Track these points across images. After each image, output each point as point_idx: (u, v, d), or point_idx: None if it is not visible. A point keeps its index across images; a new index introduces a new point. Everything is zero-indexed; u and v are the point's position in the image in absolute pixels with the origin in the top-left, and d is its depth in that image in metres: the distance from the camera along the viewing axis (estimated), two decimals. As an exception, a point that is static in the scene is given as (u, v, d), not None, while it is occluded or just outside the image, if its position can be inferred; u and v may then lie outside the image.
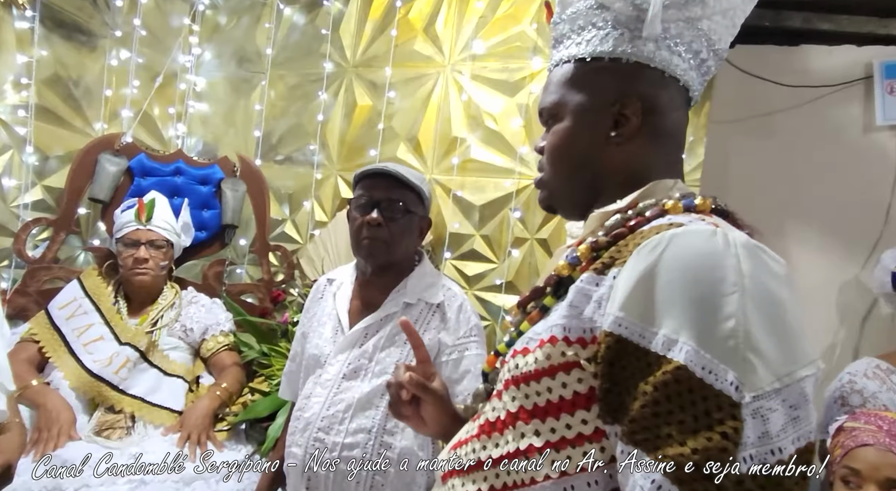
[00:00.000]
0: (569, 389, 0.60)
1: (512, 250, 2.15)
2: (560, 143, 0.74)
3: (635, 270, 0.57)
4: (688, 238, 0.57)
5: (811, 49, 2.00)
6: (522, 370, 0.64)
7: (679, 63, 0.71)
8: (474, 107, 2.23)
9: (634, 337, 0.55)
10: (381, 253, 1.34)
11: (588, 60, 0.72)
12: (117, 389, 1.71)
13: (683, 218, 0.63)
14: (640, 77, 0.70)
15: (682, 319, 0.53)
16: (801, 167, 1.96)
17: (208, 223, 2.31)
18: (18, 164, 2.13)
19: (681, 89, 0.73)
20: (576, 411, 0.60)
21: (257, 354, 2.03)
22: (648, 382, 0.53)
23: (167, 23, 2.58)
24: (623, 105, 0.70)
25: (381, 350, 1.33)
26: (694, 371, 0.52)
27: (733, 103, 2.01)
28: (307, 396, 1.35)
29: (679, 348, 0.53)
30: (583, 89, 0.73)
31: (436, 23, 2.32)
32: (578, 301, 0.62)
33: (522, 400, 0.64)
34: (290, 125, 2.55)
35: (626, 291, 0.57)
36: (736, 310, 0.52)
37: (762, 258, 0.57)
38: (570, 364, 0.60)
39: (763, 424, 0.51)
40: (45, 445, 1.50)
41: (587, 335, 0.60)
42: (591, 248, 0.67)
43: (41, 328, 1.82)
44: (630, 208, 0.69)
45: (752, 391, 0.51)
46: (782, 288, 0.56)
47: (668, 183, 0.71)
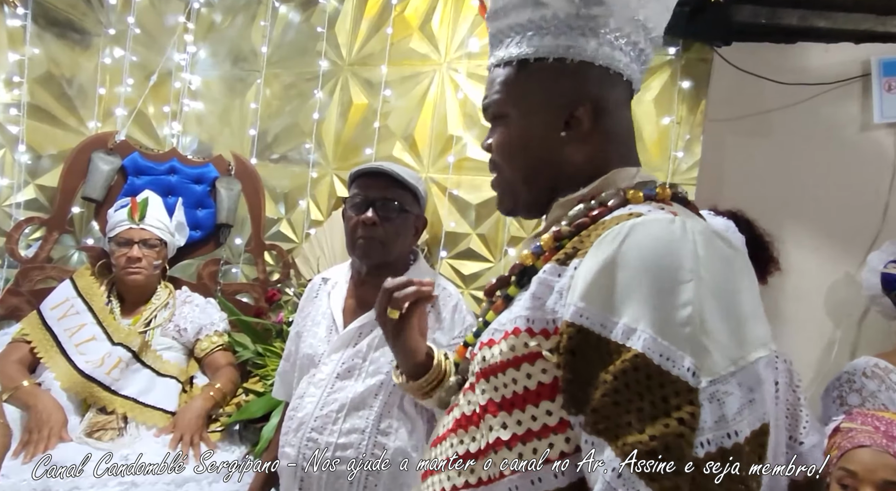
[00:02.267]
0: (533, 380, 0.61)
1: (508, 249, 2.13)
2: (511, 143, 0.74)
3: (596, 260, 0.58)
4: (647, 227, 0.58)
5: (808, 47, 1.99)
6: (489, 362, 0.64)
7: (621, 58, 0.71)
8: (470, 105, 2.22)
9: (595, 327, 0.56)
10: (376, 252, 1.33)
11: (531, 61, 0.72)
12: (109, 389, 1.69)
13: (643, 207, 0.64)
14: (587, 77, 0.70)
15: (641, 307, 0.54)
16: (799, 165, 1.96)
17: (203, 222, 2.30)
18: (11, 163, 2.11)
19: (625, 84, 0.73)
20: (541, 402, 0.61)
21: (252, 354, 2.02)
22: (608, 371, 0.54)
23: (162, 21, 2.57)
24: (572, 108, 0.70)
25: (375, 350, 1.32)
26: (652, 358, 0.52)
27: (730, 101, 2.00)
28: (301, 395, 1.33)
29: (637, 337, 0.53)
30: (529, 91, 0.72)
31: (431, 21, 2.30)
32: (541, 292, 0.62)
33: (491, 392, 0.64)
34: (285, 124, 2.54)
35: (586, 282, 0.57)
36: (692, 297, 0.53)
37: (718, 245, 0.58)
38: (534, 355, 0.61)
39: (720, 407, 0.52)
40: (36, 446, 1.49)
41: (550, 326, 0.61)
42: (555, 237, 0.67)
43: (33, 328, 1.81)
44: (593, 197, 0.69)
45: (709, 376, 0.52)
46: (738, 273, 0.58)
47: (630, 171, 0.72)
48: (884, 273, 1.64)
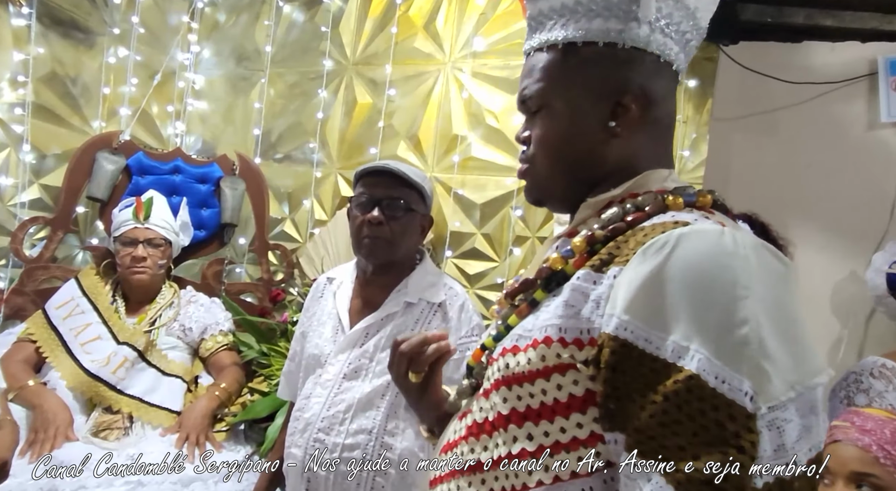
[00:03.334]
0: (564, 392, 0.58)
1: (513, 249, 2.13)
2: (554, 136, 0.70)
3: (641, 270, 0.54)
4: (696, 239, 0.54)
5: (814, 45, 1.98)
6: (514, 371, 0.61)
7: (672, 46, 0.68)
8: (475, 104, 2.22)
9: (640, 342, 0.53)
10: (382, 252, 1.33)
11: (580, 45, 0.67)
12: (115, 389, 1.69)
13: (688, 216, 0.61)
14: (639, 63, 0.67)
15: (694, 324, 0.51)
16: (805, 164, 1.95)
17: (207, 222, 2.30)
18: (15, 163, 2.11)
19: (673, 74, 0.70)
20: (571, 414, 0.58)
21: (256, 353, 2.02)
22: (658, 391, 0.51)
23: (166, 20, 2.57)
24: (621, 95, 0.66)
25: (381, 350, 1.31)
26: (707, 380, 0.49)
27: (736, 100, 2.00)
28: (307, 396, 1.33)
29: (691, 356, 0.50)
30: (576, 77, 0.68)
31: (436, 20, 2.30)
32: (575, 300, 0.59)
33: (515, 402, 0.61)
34: (289, 123, 2.54)
35: (630, 293, 0.54)
36: (749, 315, 0.50)
37: (769, 260, 0.55)
38: (566, 366, 0.58)
39: (779, 436, 0.49)
40: (42, 446, 1.49)
41: (584, 336, 0.58)
42: (587, 241, 0.63)
43: (38, 328, 1.81)
44: (626, 200, 0.66)
45: (768, 402, 0.49)
46: (790, 291, 0.54)
47: (662, 173, 0.69)
48: (889, 273, 1.63)
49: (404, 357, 0.82)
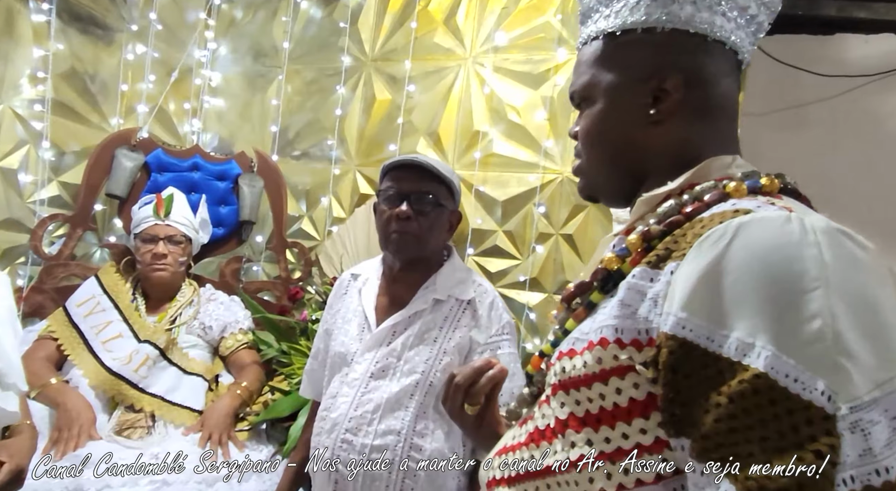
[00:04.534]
0: (624, 396, 0.55)
1: (536, 246, 2.09)
2: (594, 127, 0.69)
3: (698, 264, 0.51)
4: (758, 226, 0.50)
5: (847, 38, 1.94)
6: (570, 375, 0.58)
7: (723, 24, 0.64)
8: (497, 100, 2.18)
9: (701, 340, 0.49)
10: (410, 247, 1.30)
11: (618, 34, 0.66)
12: (137, 387, 1.68)
13: (750, 203, 0.57)
14: (679, 46, 0.64)
15: (758, 319, 0.47)
16: (838, 159, 1.90)
17: (225, 219, 2.28)
18: (35, 160, 2.10)
19: (728, 53, 0.65)
20: (633, 419, 0.54)
21: (276, 352, 1.99)
22: (722, 393, 0.47)
23: (183, 17, 2.55)
24: (661, 79, 0.63)
25: (409, 348, 1.29)
26: (776, 379, 0.45)
27: (766, 94, 1.95)
28: (333, 395, 1.30)
29: (756, 354, 0.46)
30: (615, 66, 0.67)
31: (457, 14, 2.27)
32: (631, 299, 0.56)
33: (573, 406, 0.58)
34: (307, 120, 2.51)
35: (687, 289, 0.50)
36: (821, 308, 0.45)
37: (847, 246, 0.50)
38: (625, 368, 0.54)
39: (864, 439, 0.44)
40: (66, 444, 1.47)
41: (642, 337, 0.54)
42: (643, 238, 0.60)
43: (59, 325, 1.79)
44: (684, 191, 0.62)
45: (848, 401, 0.44)
46: (873, 279, 0.49)
47: (725, 160, 0.64)
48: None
49: (459, 390, 0.80)
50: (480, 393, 0.79)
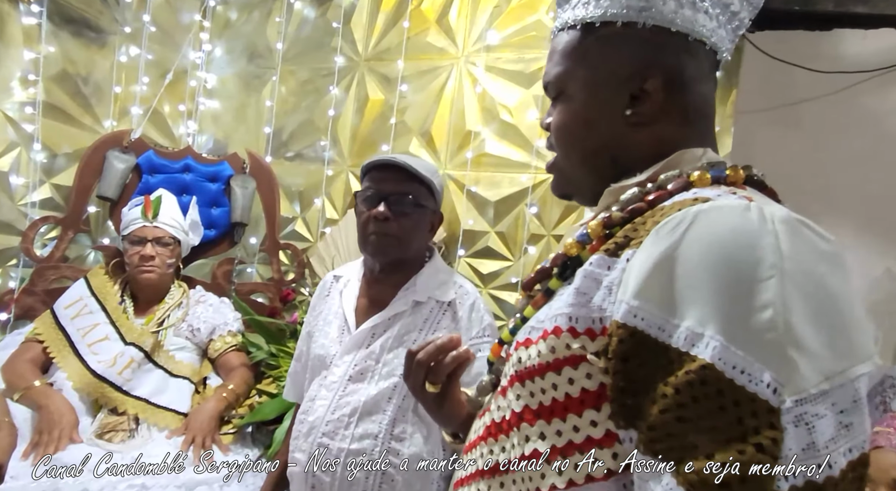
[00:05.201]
0: (576, 386, 0.53)
1: (528, 247, 2.07)
2: (569, 124, 0.66)
3: (653, 251, 0.49)
4: (716, 214, 0.49)
5: (845, 33, 1.89)
6: (526, 364, 0.57)
7: (706, 22, 0.61)
8: (489, 99, 2.16)
9: (652, 330, 0.48)
10: (389, 249, 1.28)
11: (597, 25, 0.63)
12: (121, 390, 1.66)
13: (711, 191, 0.55)
14: (661, 44, 0.61)
15: (709, 308, 0.45)
16: (835, 157, 1.85)
17: (217, 221, 2.27)
18: (26, 162, 2.10)
19: (708, 53, 0.63)
20: (584, 411, 0.53)
21: (266, 354, 1.98)
22: (669, 384, 0.46)
23: (177, 19, 2.55)
24: (642, 80, 0.61)
25: (388, 351, 1.26)
26: (723, 371, 0.44)
27: (761, 92, 1.91)
28: (312, 398, 1.28)
29: (705, 344, 0.45)
30: (593, 61, 0.64)
31: (449, 14, 2.25)
32: (587, 287, 0.54)
33: (527, 398, 0.57)
34: (300, 121, 2.50)
35: (641, 277, 0.49)
36: (774, 297, 0.44)
37: (807, 235, 0.48)
38: (577, 358, 0.53)
39: (808, 433, 0.43)
40: (46, 447, 1.46)
41: (596, 326, 0.53)
42: (604, 224, 0.59)
43: (46, 328, 1.79)
44: (651, 181, 0.60)
45: (794, 394, 0.43)
46: (832, 270, 0.47)
47: (696, 152, 0.62)
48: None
49: (421, 368, 0.77)
50: (443, 372, 0.77)
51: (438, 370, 0.76)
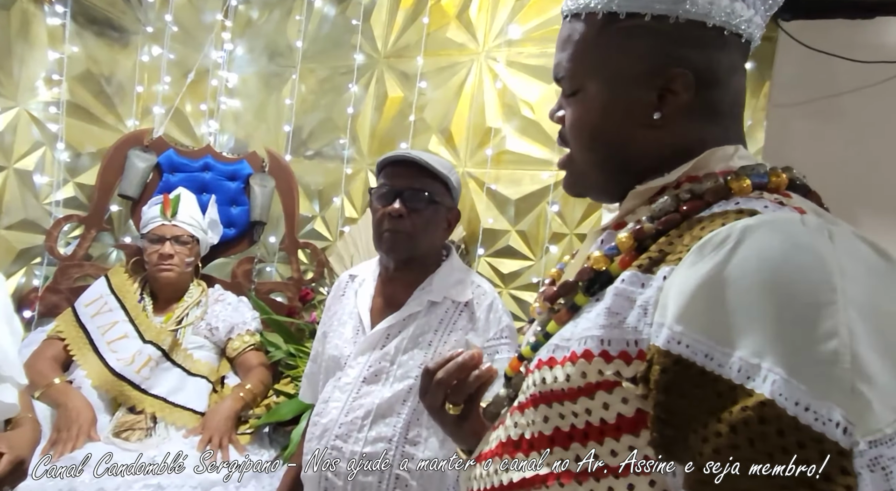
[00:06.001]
0: (611, 412, 0.49)
1: (550, 246, 2.01)
2: (586, 121, 0.60)
3: (696, 271, 0.45)
4: (767, 231, 0.44)
5: (888, 21, 1.79)
6: (552, 387, 0.53)
7: (743, 12, 0.56)
8: (510, 95, 2.11)
9: (698, 358, 0.43)
10: (403, 246, 1.24)
11: (622, 17, 0.57)
12: (139, 388, 1.66)
13: (757, 202, 0.50)
14: (694, 39, 0.55)
15: (766, 337, 0.41)
16: (875, 152, 1.75)
17: (237, 220, 2.27)
18: (51, 161, 2.13)
19: (742, 46, 0.58)
20: (621, 436, 0.49)
21: (284, 354, 1.96)
22: (722, 420, 0.41)
23: (199, 18, 2.56)
24: (670, 77, 0.56)
25: (403, 352, 1.23)
26: (785, 408, 0.39)
27: (797, 83, 1.82)
28: (325, 400, 1.25)
29: (763, 377, 0.40)
30: (615, 54, 0.58)
31: (469, 8, 2.20)
32: (619, 306, 0.50)
33: (558, 420, 0.53)
34: (320, 119, 2.49)
35: (684, 299, 0.44)
36: (838, 325, 0.39)
37: (867, 253, 0.44)
38: (612, 383, 0.49)
39: (885, 479, 0.38)
40: (64, 445, 1.47)
41: (631, 348, 0.48)
42: (634, 236, 0.54)
43: (67, 326, 1.80)
44: (681, 185, 0.55)
45: (868, 434, 0.38)
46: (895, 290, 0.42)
47: (726, 150, 0.57)
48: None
49: (441, 388, 0.71)
50: (465, 392, 0.71)
51: (460, 390, 0.71)
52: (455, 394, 0.71)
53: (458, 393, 0.71)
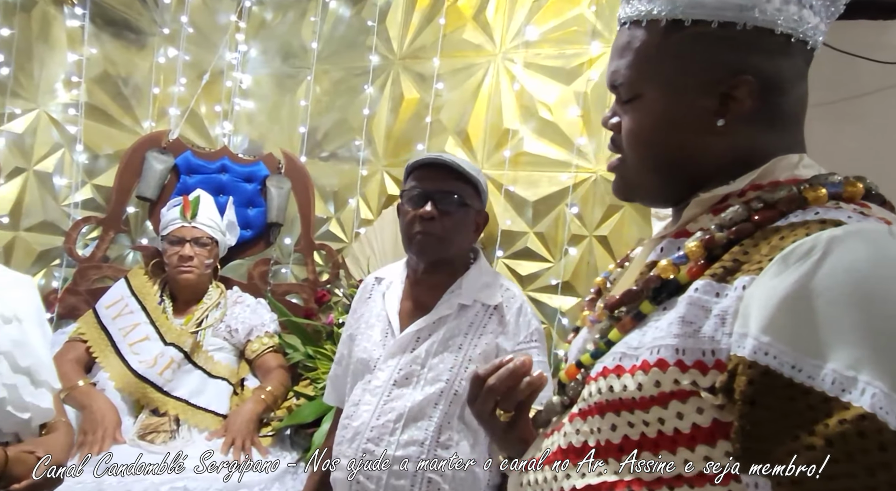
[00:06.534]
0: (686, 422, 0.49)
1: (569, 248, 2.01)
2: (646, 128, 0.60)
3: (782, 281, 0.44)
4: (854, 241, 0.44)
5: (910, 22, 1.78)
6: (621, 396, 0.52)
7: (810, 19, 0.55)
8: (527, 96, 2.11)
9: (786, 369, 0.43)
10: (433, 249, 1.24)
11: (687, 24, 0.56)
12: (161, 390, 1.67)
13: (839, 213, 0.50)
14: (760, 46, 0.55)
15: (861, 349, 0.40)
16: (899, 154, 1.75)
17: (253, 221, 2.27)
18: (69, 163, 2.13)
19: (807, 53, 0.57)
20: (696, 446, 0.48)
21: (302, 356, 1.97)
22: (816, 433, 0.41)
23: (214, 20, 2.56)
24: (733, 85, 0.55)
25: (433, 356, 1.23)
26: (886, 422, 0.39)
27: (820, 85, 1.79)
28: (356, 403, 1.25)
29: (861, 390, 0.40)
30: (679, 62, 0.57)
31: (486, 9, 2.20)
32: (693, 315, 0.49)
33: (626, 429, 0.52)
34: (335, 120, 2.49)
35: (770, 310, 0.44)
36: None
37: None
38: (687, 393, 0.49)
39: None
40: (90, 448, 1.47)
41: (707, 358, 0.48)
42: (705, 245, 0.53)
43: (89, 328, 1.81)
44: (746, 193, 0.55)
45: None
46: None
47: (791, 159, 0.57)
48: None
49: (492, 394, 0.70)
50: (517, 399, 0.70)
51: (511, 397, 0.70)
52: (506, 401, 0.71)
53: (509, 400, 0.71)
